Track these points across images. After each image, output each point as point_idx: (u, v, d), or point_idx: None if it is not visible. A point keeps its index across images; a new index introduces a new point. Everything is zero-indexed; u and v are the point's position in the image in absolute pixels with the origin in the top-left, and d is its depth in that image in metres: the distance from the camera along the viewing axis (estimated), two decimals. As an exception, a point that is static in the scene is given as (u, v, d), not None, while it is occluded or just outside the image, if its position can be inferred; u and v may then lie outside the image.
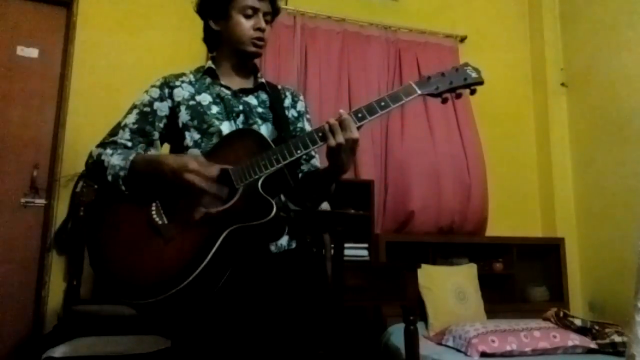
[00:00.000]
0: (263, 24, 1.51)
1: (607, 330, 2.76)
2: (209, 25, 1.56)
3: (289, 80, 3.29)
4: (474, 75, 1.42)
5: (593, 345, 2.68)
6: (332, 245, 2.41)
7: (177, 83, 1.51)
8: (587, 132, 3.73)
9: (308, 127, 1.62)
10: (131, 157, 1.34)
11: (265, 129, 1.50)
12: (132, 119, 1.46)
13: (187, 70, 1.58)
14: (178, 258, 1.24)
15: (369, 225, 3.17)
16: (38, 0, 3.08)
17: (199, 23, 1.69)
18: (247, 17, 1.50)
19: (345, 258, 2.83)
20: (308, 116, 1.65)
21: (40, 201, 2.91)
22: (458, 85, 1.41)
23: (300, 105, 1.63)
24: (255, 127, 1.48)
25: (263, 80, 1.59)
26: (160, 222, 1.28)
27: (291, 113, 1.60)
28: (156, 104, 1.47)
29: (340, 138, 1.32)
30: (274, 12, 1.55)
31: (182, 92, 1.49)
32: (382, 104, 1.36)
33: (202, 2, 1.57)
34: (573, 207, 3.78)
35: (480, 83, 1.41)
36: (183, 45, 3.20)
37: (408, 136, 3.46)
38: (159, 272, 1.23)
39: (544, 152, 3.90)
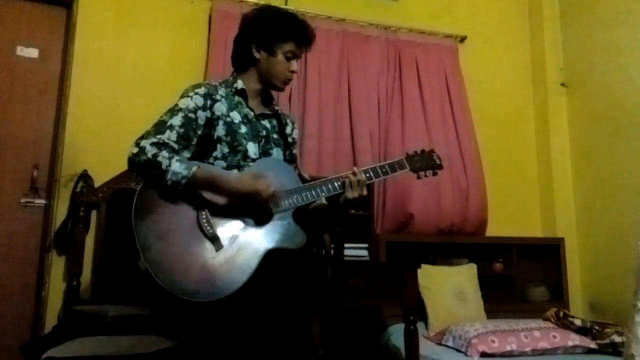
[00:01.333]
0: (297, 67, 1.72)
1: (607, 330, 2.76)
2: (249, 49, 1.68)
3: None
4: (438, 162, 1.83)
5: (593, 345, 2.68)
6: (332, 245, 2.41)
7: (218, 97, 1.63)
8: (587, 132, 3.72)
9: (297, 153, 1.88)
10: (194, 169, 1.46)
11: (276, 153, 1.70)
12: (178, 121, 1.54)
13: (215, 82, 1.71)
14: (226, 268, 1.42)
15: (369, 226, 3.17)
16: (38, 0, 3.08)
17: (198, 24, 1.70)
18: (288, 59, 1.69)
19: (345, 258, 2.85)
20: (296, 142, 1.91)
21: (40, 201, 2.91)
22: (429, 167, 1.81)
23: (295, 133, 1.86)
24: (271, 151, 1.68)
25: (277, 108, 1.79)
26: (210, 232, 1.44)
27: (289, 139, 1.80)
28: (199, 112, 1.58)
29: (356, 193, 1.62)
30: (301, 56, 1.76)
31: (221, 107, 1.62)
32: (384, 170, 1.71)
33: (251, 27, 1.70)
34: (573, 207, 3.77)
35: (441, 168, 1.84)
36: (182, 46, 3.20)
37: (407, 138, 3.45)
38: (208, 277, 1.40)
39: (544, 152, 3.90)
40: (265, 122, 1.73)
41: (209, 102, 1.60)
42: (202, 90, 1.61)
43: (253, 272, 1.42)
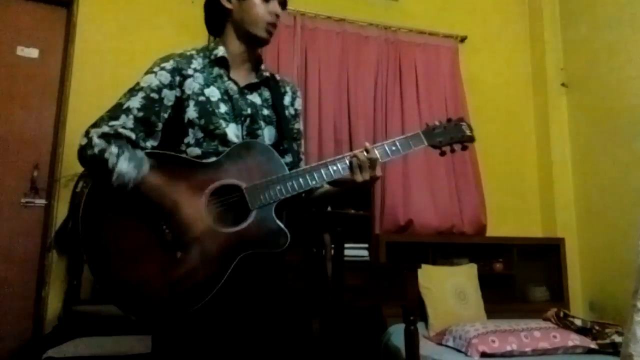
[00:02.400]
0: (279, 9, 1.43)
1: (607, 330, 2.76)
2: (220, 1, 1.46)
3: (289, 81, 3.29)
4: (468, 132, 1.49)
5: (593, 345, 2.68)
6: (332, 245, 2.41)
7: (190, 72, 1.39)
8: (587, 132, 3.72)
9: (301, 128, 1.58)
10: (143, 171, 1.24)
11: (267, 132, 1.43)
12: (136, 103, 1.32)
13: (192, 50, 1.47)
14: (190, 279, 1.21)
15: (369, 226, 3.17)
16: (38, 0, 3.08)
17: (198, 24, 1.66)
18: (264, 0, 1.41)
19: (345, 258, 2.84)
20: (301, 116, 1.60)
21: (40, 201, 2.91)
22: (455, 140, 1.48)
23: (298, 103, 1.56)
24: (259, 131, 1.41)
25: (267, 74, 1.49)
26: (170, 237, 1.23)
27: (289, 111, 1.52)
28: (165, 92, 1.35)
29: (367, 175, 1.34)
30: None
31: (193, 84, 1.37)
32: (393, 148, 1.40)
33: None
34: (573, 207, 3.77)
35: (472, 140, 1.51)
36: (183, 46, 3.19)
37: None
38: (170, 291, 1.21)
39: (544, 152, 3.90)
40: (253, 96, 1.44)
41: (177, 78, 1.36)
42: (169, 65, 1.39)
43: (221, 285, 1.21)
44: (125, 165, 1.23)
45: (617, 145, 3.45)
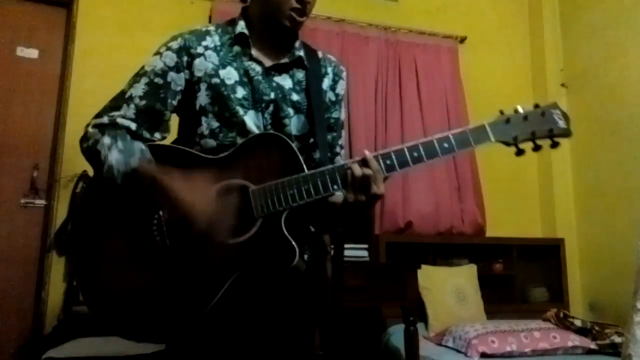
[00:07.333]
0: None
1: (607, 331, 2.76)
2: None
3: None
4: (561, 124, 1.16)
5: (593, 346, 2.68)
6: (332, 246, 2.41)
7: (200, 50, 1.19)
8: (587, 132, 3.72)
9: (343, 117, 1.34)
10: (133, 163, 1.09)
11: (296, 122, 1.21)
12: (139, 90, 1.17)
13: (211, 26, 1.28)
14: (181, 294, 1.06)
15: (369, 226, 3.17)
16: (38, 1, 3.08)
17: (198, 24, 1.66)
18: None
19: (345, 258, 2.84)
20: (343, 102, 1.35)
21: (40, 202, 2.91)
22: (540, 135, 1.16)
23: (340, 87, 1.32)
24: (286, 120, 1.20)
25: (302, 53, 1.25)
26: (161, 244, 1.08)
27: (328, 97, 1.29)
28: (171, 75, 1.18)
29: (362, 196, 1.07)
30: None
31: (204, 64, 1.18)
32: (445, 145, 1.11)
33: None
34: (573, 207, 3.78)
35: (568, 135, 1.16)
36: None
37: (406, 139, 3.44)
38: (158, 307, 1.07)
39: (543, 152, 3.88)
40: (282, 78, 1.22)
41: (185, 58, 1.18)
42: (176, 44, 1.19)
43: (211, 307, 1.05)
44: (116, 156, 1.09)
45: (617, 145, 3.45)
